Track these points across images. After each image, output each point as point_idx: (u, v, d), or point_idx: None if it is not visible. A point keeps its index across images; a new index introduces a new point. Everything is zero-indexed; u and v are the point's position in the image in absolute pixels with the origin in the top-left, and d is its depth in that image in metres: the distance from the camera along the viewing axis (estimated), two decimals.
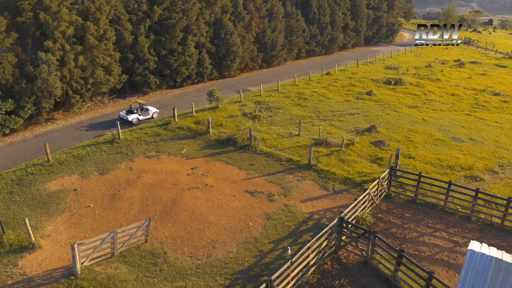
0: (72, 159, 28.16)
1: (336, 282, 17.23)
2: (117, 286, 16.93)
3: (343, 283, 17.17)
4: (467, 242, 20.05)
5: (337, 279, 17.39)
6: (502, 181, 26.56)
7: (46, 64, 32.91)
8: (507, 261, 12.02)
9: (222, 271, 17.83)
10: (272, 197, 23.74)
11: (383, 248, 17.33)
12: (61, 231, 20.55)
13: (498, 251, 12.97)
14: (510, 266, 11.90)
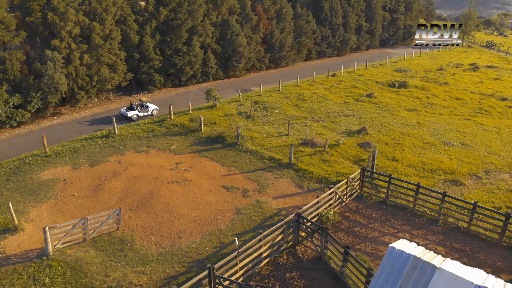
0: (67, 151, 29.98)
1: (287, 274, 17.99)
2: (82, 267, 18.31)
3: (293, 276, 17.91)
4: (428, 243, 20.38)
5: (289, 272, 18.15)
6: (484, 186, 26.46)
7: (52, 62, 34.98)
8: (425, 260, 12.48)
9: (181, 259, 18.91)
10: (246, 193, 24.65)
11: (333, 244, 17.95)
12: (44, 216, 22.19)
13: (422, 250, 13.43)
14: (425, 265, 12.36)
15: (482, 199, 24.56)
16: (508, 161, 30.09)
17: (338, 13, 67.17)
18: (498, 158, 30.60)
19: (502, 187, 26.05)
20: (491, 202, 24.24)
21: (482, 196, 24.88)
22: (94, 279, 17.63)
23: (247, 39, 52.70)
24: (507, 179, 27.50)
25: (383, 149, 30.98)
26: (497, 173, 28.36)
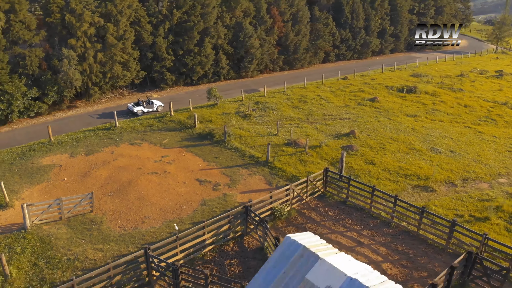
0: (70, 141, 33.09)
1: (228, 261, 19.56)
2: (51, 241, 20.84)
3: (233, 262, 19.46)
4: (372, 244, 21.18)
5: (230, 259, 19.71)
6: (456, 194, 26.54)
7: (67, 59, 38.40)
8: (311, 250, 13.68)
9: (137, 241, 20.98)
10: (217, 186, 26.39)
11: (269, 236, 19.29)
12: (34, 196, 25.09)
13: (319, 243, 14.59)
14: (310, 255, 13.55)
15: (447, 206, 24.79)
16: (493, 171, 29.77)
17: (360, 16, 67.10)
18: (484, 167, 30.32)
19: (474, 196, 26.05)
20: (455, 209, 24.45)
21: (448, 203, 25.09)
22: (57, 251, 20.08)
23: (260, 41, 54.28)
24: (484, 189, 27.37)
25: (365, 153, 31.58)
26: (476, 182, 28.23)
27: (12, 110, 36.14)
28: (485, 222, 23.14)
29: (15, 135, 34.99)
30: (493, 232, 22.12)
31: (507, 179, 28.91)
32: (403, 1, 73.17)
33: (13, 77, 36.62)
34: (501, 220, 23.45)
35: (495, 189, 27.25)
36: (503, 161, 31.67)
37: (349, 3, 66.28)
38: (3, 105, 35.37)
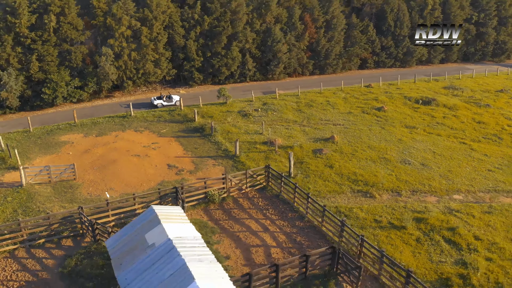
0: (90, 124, 40.20)
1: None
2: (34, 196, 27.23)
3: None
4: (277, 232, 24.13)
5: None
6: (393, 202, 27.77)
7: (105, 56, 45.86)
8: (158, 217, 17.59)
9: (93, 204, 26.46)
10: (181, 172, 31.01)
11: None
12: (41, 163, 32.10)
13: (172, 214, 18.40)
14: (156, 220, 17.48)
15: (372, 211, 26.34)
16: (453, 187, 30.09)
17: (404, 24, 66.41)
18: (446, 182, 30.69)
19: (409, 207, 27.15)
20: (378, 215, 25.98)
21: (375, 209, 26.59)
22: (34, 204, 26.38)
23: (289, 46, 57.41)
24: (428, 202, 28.20)
25: (330, 157, 33.70)
26: (425, 195, 29.06)
27: (56, 95, 44.47)
28: (399, 230, 24.53)
29: (56, 116, 43.15)
30: (397, 239, 23.56)
31: (463, 197, 29.17)
32: (457, 10, 70.27)
33: (60, 69, 45.01)
34: (419, 231, 24.60)
35: (440, 203, 27.92)
36: (474, 179, 31.53)
37: (393, 11, 65.99)
38: (49, 90, 43.80)
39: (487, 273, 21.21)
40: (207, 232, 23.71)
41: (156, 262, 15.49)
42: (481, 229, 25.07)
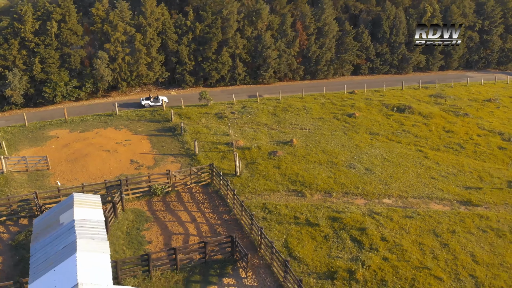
0: (78, 121, 44.82)
1: None
2: (11, 182, 31.78)
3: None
4: (202, 223, 27.32)
5: None
6: (321, 202, 30.22)
7: (100, 60, 50.51)
8: (74, 203, 21.23)
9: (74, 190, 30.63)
10: (140, 167, 34.78)
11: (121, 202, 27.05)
12: (25, 154, 36.80)
13: (88, 201, 21.99)
14: (71, 206, 21.10)
15: (295, 208, 28.89)
16: (387, 192, 32.06)
17: (400, 31, 67.32)
18: (382, 187, 32.67)
19: (332, 206, 29.50)
20: (299, 212, 28.55)
21: (298, 207, 29.09)
22: (8, 188, 30.89)
23: (280, 52, 60.10)
24: (356, 203, 30.43)
25: (282, 159, 36.36)
26: (355, 197, 31.31)
27: (56, 94, 49.54)
28: (312, 227, 27.11)
29: (54, 112, 48.13)
30: (307, 235, 26.14)
31: (393, 201, 31.15)
32: (459, 18, 70.22)
33: (61, 70, 50.08)
34: (331, 229, 27.07)
35: (366, 206, 30.11)
36: (412, 185, 33.30)
37: (389, 18, 67.07)
38: (49, 90, 48.93)
39: (376, 270, 23.46)
40: (141, 220, 27.29)
41: (58, 237, 19.15)
42: (392, 231, 27.15)
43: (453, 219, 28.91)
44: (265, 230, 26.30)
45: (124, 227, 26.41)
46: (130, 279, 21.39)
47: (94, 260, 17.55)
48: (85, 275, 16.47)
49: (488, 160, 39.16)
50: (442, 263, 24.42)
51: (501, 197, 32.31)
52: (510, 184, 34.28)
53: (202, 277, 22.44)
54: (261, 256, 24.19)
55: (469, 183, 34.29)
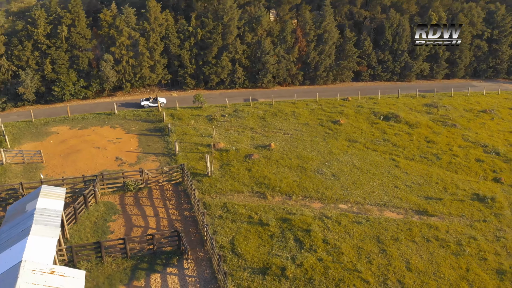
0: (79, 119, 48.84)
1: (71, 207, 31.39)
2: (8, 173, 35.85)
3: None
4: (163, 218, 30.23)
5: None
6: (278, 204, 32.44)
7: (105, 62, 54.48)
8: (40, 193, 24.57)
9: (48, 182, 34.37)
10: (123, 164, 38.11)
11: (96, 195, 30.33)
12: (26, 148, 40.96)
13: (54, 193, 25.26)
14: (37, 195, 24.48)
15: (250, 207, 31.24)
16: (345, 197, 33.79)
17: (403, 39, 67.91)
18: (342, 192, 34.44)
19: (286, 208, 31.60)
20: (254, 212, 30.90)
21: (258, 208, 31.40)
22: (4, 179, 34.92)
23: (278, 58, 62.29)
24: (312, 206, 32.44)
25: (256, 162, 38.69)
26: (312, 200, 33.36)
27: (64, 93, 53.90)
28: (262, 227, 29.43)
29: (61, 110, 52.42)
30: (255, 233, 28.51)
31: (348, 207, 32.95)
32: (466, 26, 69.90)
33: (70, 71, 54.40)
34: (279, 229, 29.30)
35: (321, 209, 32.10)
36: (372, 193, 34.93)
37: (393, 26, 67.78)
38: (58, 88, 53.35)
39: (308, 269, 25.54)
40: (110, 213, 30.50)
41: (20, 222, 22.50)
42: (337, 235, 29.07)
43: (401, 227, 30.44)
44: (218, 228, 28.94)
45: (93, 218, 29.68)
46: (84, 263, 24.53)
47: (42, 243, 20.71)
48: (30, 254, 19.64)
49: (461, 172, 39.97)
50: (375, 267, 26.18)
51: (459, 209, 33.40)
52: (474, 197, 35.19)
53: (149, 265, 25.31)
54: (206, 250, 26.79)
55: (431, 193, 35.48)
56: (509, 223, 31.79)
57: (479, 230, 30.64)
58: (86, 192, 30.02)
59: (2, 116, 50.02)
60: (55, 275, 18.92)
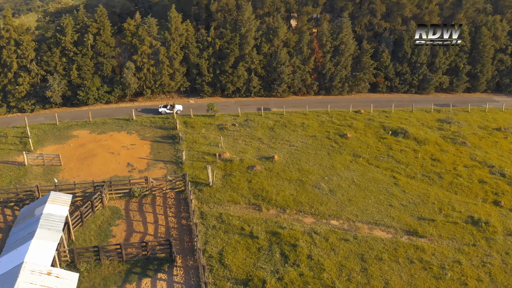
0: (100, 123, 52.14)
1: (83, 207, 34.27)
2: (29, 174, 39.29)
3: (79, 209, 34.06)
4: (162, 225, 32.55)
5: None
6: (272, 216, 34.12)
7: (127, 69, 57.69)
8: (48, 199, 27.34)
9: (64, 186, 37.51)
10: (133, 169, 40.83)
11: (104, 200, 33.07)
12: (47, 150, 44.46)
13: (60, 200, 28.01)
14: (45, 201, 27.24)
15: (247, 221, 33.04)
16: (339, 214, 35.07)
17: (422, 52, 67.62)
18: (335, 208, 35.68)
19: (280, 222, 33.24)
20: (247, 224, 32.71)
21: (252, 220, 33.25)
22: (24, 179, 38.37)
23: (294, 68, 63.68)
24: (304, 221, 33.92)
25: (257, 174, 40.44)
26: (305, 215, 34.82)
27: (88, 97, 57.55)
28: (252, 239, 31.21)
29: (84, 113, 55.99)
30: (244, 245, 30.31)
31: (340, 223, 34.19)
32: (487, 40, 68.76)
33: (94, 76, 57.98)
34: (267, 242, 31.00)
35: (312, 225, 33.51)
36: (365, 210, 35.95)
37: (412, 38, 67.60)
38: (82, 93, 57.05)
39: (288, 283, 27.15)
40: (114, 217, 33.15)
41: (28, 226, 25.33)
42: (322, 251, 30.45)
43: (387, 246, 31.42)
44: (210, 238, 30.97)
45: (98, 221, 32.41)
46: (84, 264, 27.15)
47: (44, 246, 23.38)
48: (31, 256, 22.31)
49: (461, 193, 40.15)
50: (353, 285, 27.43)
51: (451, 231, 33.94)
52: (468, 220, 35.54)
53: (142, 270, 27.65)
54: (196, 259, 28.86)
55: (425, 214, 36.09)
56: (499, 249, 32.09)
57: (466, 254, 31.15)
58: (93, 198, 32.75)
59: (30, 117, 54.11)
60: (51, 276, 21.47)
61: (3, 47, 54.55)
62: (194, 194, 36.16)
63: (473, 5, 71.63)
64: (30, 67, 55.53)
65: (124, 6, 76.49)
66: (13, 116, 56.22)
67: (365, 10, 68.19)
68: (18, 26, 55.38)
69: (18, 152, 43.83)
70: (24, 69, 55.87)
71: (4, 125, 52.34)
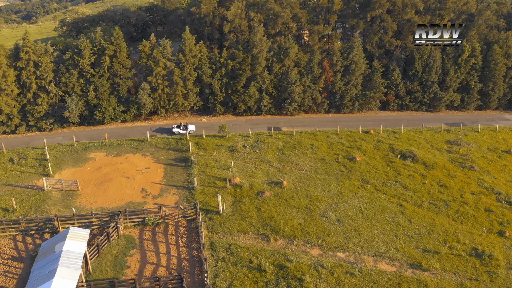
0: (115, 145, 54.00)
1: (98, 236, 36.01)
2: (47, 199, 41.26)
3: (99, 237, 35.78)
4: (173, 256, 34.06)
5: (99, 235, 36.05)
6: (279, 247, 35.35)
7: (142, 90, 59.50)
8: (67, 235, 29.05)
9: (80, 210, 39.36)
10: (147, 195, 42.47)
11: (119, 229, 34.73)
12: (66, 174, 46.47)
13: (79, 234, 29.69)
14: (65, 237, 28.95)
15: (255, 253, 34.36)
16: (345, 245, 36.18)
17: (433, 71, 67.94)
18: (342, 239, 36.80)
19: (287, 254, 34.48)
20: (255, 257, 33.99)
21: (260, 251, 34.53)
22: (45, 206, 40.29)
23: (304, 87, 64.71)
24: (311, 253, 35.09)
25: (267, 200, 41.72)
26: (312, 246, 36.01)
27: (105, 117, 59.55)
28: (259, 272, 32.53)
29: (100, 133, 57.96)
30: (252, 278, 31.61)
31: (346, 255, 35.27)
32: (499, 58, 68.69)
33: (110, 97, 59.96)
34: (275, 276, 32.23)
35: (319, 257, 34.67)
36: (371, 241, 36.95)
37: (423, 57, 68.02)
38: (99, 113, 59.07)
39: None
40: (129, 247, 34.80)
41: (49, 263, 27.06)
42: (328, 285, 31.62)
43: (391, 281, 32.40)
44: (220, 271, 32.37)
45: (114, 251, 34.08)
46: None
47: (64, 285, 25.04)
48: None
49: (466, 223, 40.79)
50: None
51: (454, 265, 34.72)
52: (472, 252, 36.24)
53: None
54: None
55: (430, 245, 36.89)
56: (501, 283, 32.81)
57: None
58: (109, 230, 34.42)
59: (48, 136, 56.33)
60: None
61: (23, 68, 56.86)
62: (204, 223, 37.61)
63: (485, 22, 71.53)
64: (48, 88, 57.74)
65: (140, 17, 78.73)
66: (32, 135, 58.51)
67: (376, 28, 68.76)
68: (37, 48, 57.59)
69: (38, 175, 45.90)
70: (43, 89, 58.11)
71: (24, 144, 54.62)
